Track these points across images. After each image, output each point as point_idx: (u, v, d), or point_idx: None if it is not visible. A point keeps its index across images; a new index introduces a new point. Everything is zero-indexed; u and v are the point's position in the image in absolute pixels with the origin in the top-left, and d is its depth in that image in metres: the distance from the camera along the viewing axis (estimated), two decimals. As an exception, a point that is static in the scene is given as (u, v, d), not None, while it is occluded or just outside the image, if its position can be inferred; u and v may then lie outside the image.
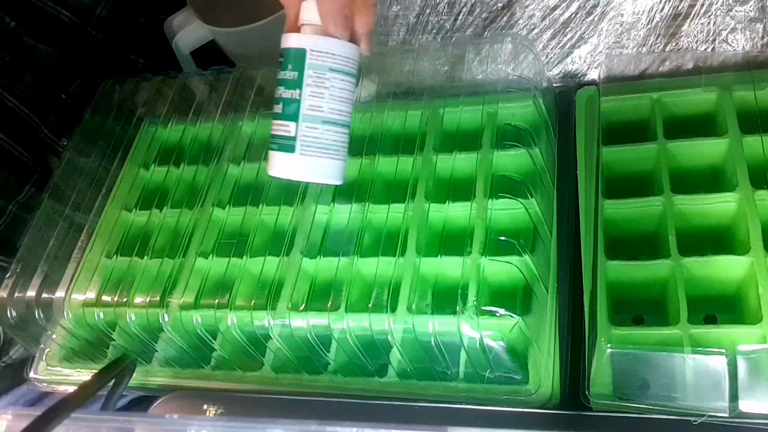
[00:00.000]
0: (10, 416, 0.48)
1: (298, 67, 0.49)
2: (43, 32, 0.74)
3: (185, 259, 0.61)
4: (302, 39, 0.49)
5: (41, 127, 0.74)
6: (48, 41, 0.75)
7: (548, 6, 0.65)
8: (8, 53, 0.71)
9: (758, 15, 0.61)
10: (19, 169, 0.72)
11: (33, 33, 0.73)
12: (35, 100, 0.74)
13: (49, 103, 0.76)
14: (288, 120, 0.49)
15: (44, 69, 0.75)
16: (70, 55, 0.77)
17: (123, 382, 0.59)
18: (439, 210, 0.57)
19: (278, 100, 0.50)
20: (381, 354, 0.55)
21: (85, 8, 0.78)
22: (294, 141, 0.49)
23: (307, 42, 0.49)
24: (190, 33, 0.76)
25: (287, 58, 0.49)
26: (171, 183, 0.67)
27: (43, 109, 0.75)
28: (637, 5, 0.63)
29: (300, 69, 0.49)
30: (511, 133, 0.59)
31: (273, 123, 0.50)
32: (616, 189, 0.57)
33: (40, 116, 0.74)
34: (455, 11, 0.68)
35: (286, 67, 0.49)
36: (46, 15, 0.74)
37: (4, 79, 0.71)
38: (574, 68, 0.68)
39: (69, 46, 0.77)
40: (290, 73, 0.49)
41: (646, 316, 0.55)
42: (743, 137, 0.56)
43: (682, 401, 0.49)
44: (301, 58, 0.48)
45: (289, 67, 0.49)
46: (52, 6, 0.75)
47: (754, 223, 0.51)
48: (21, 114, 0.72)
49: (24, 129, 0.73)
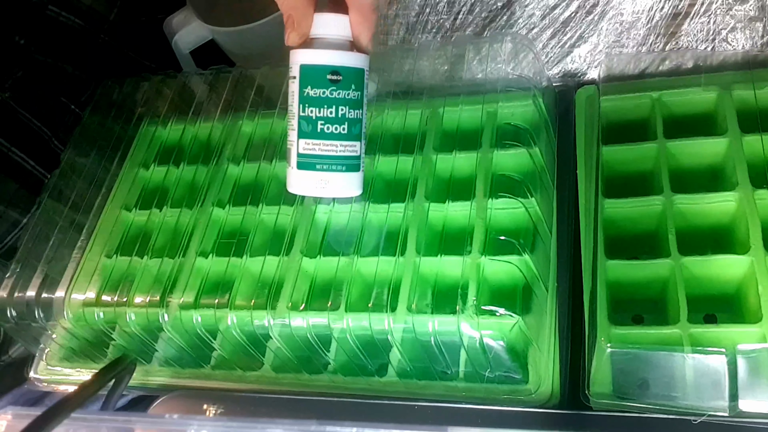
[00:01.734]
0: (10, 416, 0.48)
1: (359, 86, 0.49)
2: (54, 46, 0.75)
3: (185, 258, 0.61)
4: (359, 59, 0.48)
5: (52, 139, 0.75)
6: (58, 55, 0.75)
7: (548, 5, 0.65)
8: (20, 68, 0.71)
9: (758, 14, 0.61)
10: (30, 182, 0.72)
11: (43, 48, 0.74)
12: (46, 113, 0.74)
13: (60, 115, 0.76)
14: (354, 140, 0.50)
15: (55, 82, 0.75)
16: (80, 66, 0.78)
17: (123, 382, 0.59)
18: (439, 209, 0.57)
19: (340, 120, 0.49)
20: (381, 354, 0.55)
21: (99, 15, 0.78)
22: (359, 160, 0.51)
23: (363, 62, 0.49)
24: (190, 32, 0.76)
25: (348, 77, 0.48)
26: (171, 182, 0.67)
27: (54, 121, 0.75)
28: (636, 4, 0.63)
29: (361, 89, 0.49)
30: (510, 132, 0.59)
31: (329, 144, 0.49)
32: (616, 188, 0.57)
33: (51, 128, 0.74)
34: (455, 10, 0.68)
35: (348, 87, 0.48)
36: (59, 25, 0.75)
37: (16, 93, 0.72)
38: (573, 67, 0.68)
39: (80, 56, 0.77)
40: (353, 93, 0.49)
41: (646, 316, 0.55)
42: (743, 136, 0.56)
43: (682, 400, 0.49)
44: (361, 77, 0.49)
45: (353, 87, 0.48)
46: (66, 16, 0.75)
47: (754, 222, 0.51)
48: (33, 127, 0.73)
49: (36, 142, 0.73)
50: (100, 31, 0.78)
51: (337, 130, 0.49)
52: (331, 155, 0.49)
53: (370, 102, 0.64)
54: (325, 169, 0.49)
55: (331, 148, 0.49)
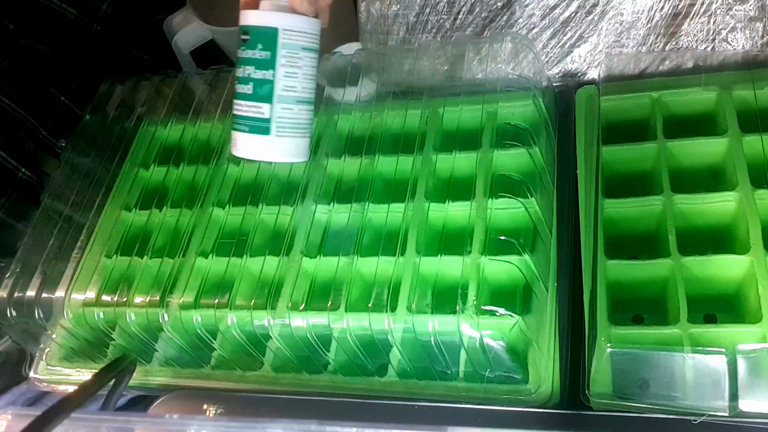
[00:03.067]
0: (10, 416, 0.48)
1: (270, 46, 0.47)
2: (43, 33, 0.74)
3: (185, 258, 0.60)
4: (272, 17, 0.47)
5: (39, 129, 0.74)
6: (48, 42, 0.74)
7: (548, 5, 0.65)
8: (6, 57, 0.71)
9: (758, 14, 0.61)
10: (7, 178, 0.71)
11: (33, 34, 0.73)
12: (33, 103, 0.73)
13: (48, 105, 0.75)
14: (261, 101, 0.48)
15: (42, 71, 0.75)
16: (70, 55, 0.77)
17: (123, 382, 0.59)
18: (439, 209, 0.57)
19: (246, 80, 0.48)
20: (381, 353, 0.55)
21: (92, 5, 0.77)
22: (269, 123, 0.48)
23: (278, 21, 0.47)
24: (190, 32, 0.76)
25: (256, 36, 0.47)
26: (171, 182, 0.67)
27: (41, 111, 0.74)
28: (636, 4, 0.63)
29: (272, 49, 0.47)
30: (510, 132, 0.59)
31: (238, 103, 0.48)
32: (616, 188, 0.57)
33: (38, 118, 0.74)
34: (455, 10, 0.68)
35: (254, 46, 0.47)
36: (51, 12, 0.74)
37: (1, 83, 0.71)
38: (573, 67, 0.68)
39: (70, 45, 0.76)
40: (260, 53, 0.47)
41: (646, 316, 0.55)
42: (743, 136, 0.56)
43: (682, 401, 0.49)
44: (273, 37, 0.47)
45: (259, 46, 0.47)
46: (58, 3, 0.74)
47: (754, 222, 0.51)
48: (18, 117, 0.72)
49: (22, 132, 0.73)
50: (92, 20, 0.77)
51: (242, 90, 0.48)
52: (239, 115, 0.48)
53: (370, 102, 0.64)
54: (235, 128, 0.49)
55: (238, 107, 0.48)
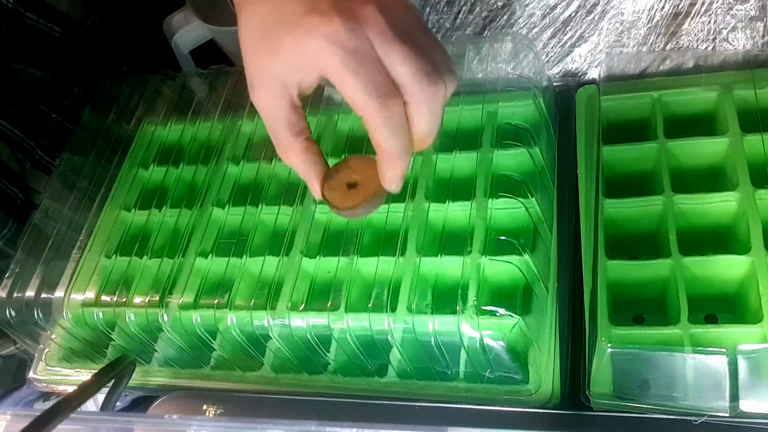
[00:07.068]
0: (10, 416, 0.48)
1: None
2: (32, 54, 0.74)
3: (184, 258, 0.60)
4: None
5: (36, 150, 0.74)
6: (37, 63, 0.74)
7: (548, 5, 0.65)
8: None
9: (759, 14, 0.61)
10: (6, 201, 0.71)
11: (21, 57, 0.73)
12: (28, 123, 0.73)
13: (42, 124, 0.75)
14: None
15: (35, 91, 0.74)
16: (60, 74, 0.77)
17: (123, 382, 0.59)
18: (439, 209, 0.57)
19: None
20: (381, 354, 0.55)
21: (75, 21, 0.77)
22: None
23: None
24: (190, 32, 0.76)
25: None
26: (170, 182, 0.66)
27: (36, 131, 0.74)
28: (637, 4, 0.63)
29: None
30: (511, 132, 0.59)
31: None
32: (617, 188, 0.57)
33: (34, 139, 0.73)
34: (455, 10, 0.68)
35: None
36: (38, 33, 0.74)
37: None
38: (574, 67, 0.68)
39: (59, 63, 0.76)
40: None
41: (646, 316, 0.55)
42: (744, 136, 0.56)
43: (683, 401, 0.49)
44: None
45: None
46: (44, 23, 0.74)
47: (755, 222, 0.51)
48: (16, 138, 0.72)
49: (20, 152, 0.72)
50: (78, 37, 0.77)
51: None
52: None
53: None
54: None
55: None
